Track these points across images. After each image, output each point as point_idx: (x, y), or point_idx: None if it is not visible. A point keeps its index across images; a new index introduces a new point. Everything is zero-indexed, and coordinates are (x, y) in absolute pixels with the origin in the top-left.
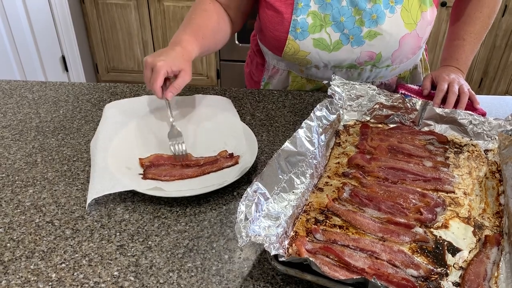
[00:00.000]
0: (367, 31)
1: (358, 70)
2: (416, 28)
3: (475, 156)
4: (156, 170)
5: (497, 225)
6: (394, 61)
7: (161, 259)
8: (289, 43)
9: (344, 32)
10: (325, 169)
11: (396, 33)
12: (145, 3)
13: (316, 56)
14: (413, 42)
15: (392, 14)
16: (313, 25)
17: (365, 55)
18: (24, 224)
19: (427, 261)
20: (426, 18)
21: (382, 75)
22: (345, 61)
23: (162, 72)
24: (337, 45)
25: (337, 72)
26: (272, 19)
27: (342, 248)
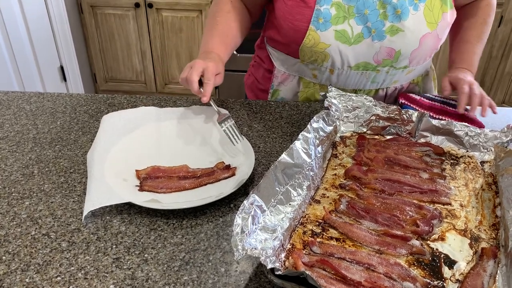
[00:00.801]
0: (389, 26)
1: (374, 72)
2: (437, 28)
3: (472, 168)
4: (153, 182)
5: (493, 237)
6: (412, 61)
7: (157, 272)
8: (309, 34)
9: (367, 25)
10: (322, 180)
11: (418, 31)
12: (143, 14)
13: (335, 49)
14: (432, 43)
15: (416, 12)
16: (336, 16)
17: (384, 51)
18: (20, 237)
19: (424, 274)
20: (446, 19)
21: (397, 78)
22: (363, 57)
23: (215, 71)
24: (358, 38)
25: (351, 75)
26: (293, 9)
27: (338, 261)
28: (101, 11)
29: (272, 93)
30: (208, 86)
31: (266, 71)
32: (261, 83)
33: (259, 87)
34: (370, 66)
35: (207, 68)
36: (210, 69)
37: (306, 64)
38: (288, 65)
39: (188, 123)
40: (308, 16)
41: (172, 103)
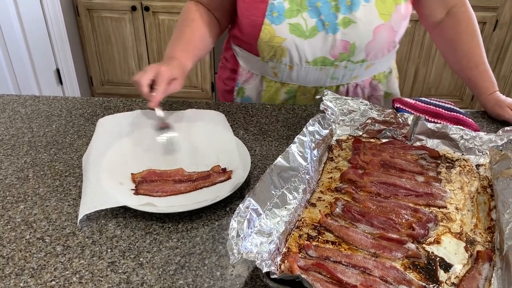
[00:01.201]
0: (342, 17)
1: (332, 68)
2: (391, 20)
3: (467, 171)
4: (148, 185)
5: (488, 240)
6: (369, 54)
7: (153, 276)
8: (265, 28)
9: (320, 18)
10: (318, 184)
11: (370, 22)
12: (140, 17)
13: (291, 43)
14: (387, 35)
15: (367, 3)
16: (290, 10)
17: (339, 44)
18: (14, 241)
19: (419, 277)
20: (400, 11)
21: (356, 74)
22: (320, 52)
23: (167, 76)
24: (313, 31)
25: (310, 71)
26: (250, 5)
27: (334, 264)
28: (97, 14)
29: (237, 91)
30: (157, 92)
31: (231, 72)
32: (226, 84)
33: (225, 88)
34: (327, 61)
35: (160, 73)
36: (163, 73)
37: (267, 62)
38: (251, 64)
39: (183, 126)
40: (263, 10)
41: (168, 106)
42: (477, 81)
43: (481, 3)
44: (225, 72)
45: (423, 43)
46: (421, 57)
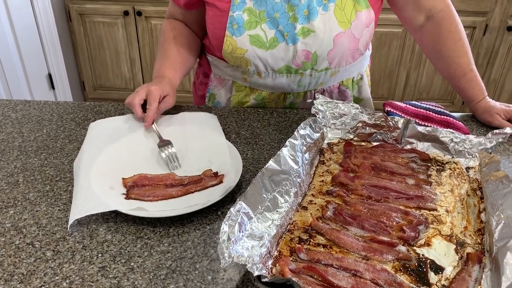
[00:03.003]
0: (300, 27)
1: (298, 76)
2: (351, 27)
3: (457, 174)
4: (140, 190)
5: (478, 242)
6: (332, 62)
7: (144, 280)
8: (227, 40)
9: (278, 28)
10: (309, 187)
11: (329, 30)
12: (132, 22)
13: (253, 54)
14: (348, 43)
15: (325, 12)
16: (249, 21)
17: (301, 54)
18: (3, 246)
19: (410, 279)
20: (361, 19)
21: (322, 81)
22: (283, 61)
23: (158, 94)
24: (273, 42)
25: (277, 78)
26: (213, 18)
27: (325, 267)
28: (89, 19)
29: (209, 97)
30: (150, 112)
31: (203, 76)
32: (199, 88)
33: (198, 93)
34: (292, 69)
35: (150, 92)
36: (153, 92)
37: (236, 68)
38: (222, 69)
39: (175, 130)
40: (224, 23)
41: None
42: (465, 89)
43: (471, 8)
44: (199, 77)
45: (414, 48)
46: (412, 61)
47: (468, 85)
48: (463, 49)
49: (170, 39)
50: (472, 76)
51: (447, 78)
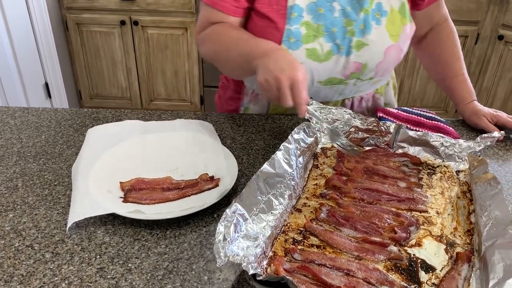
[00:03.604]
0: (356, 41)
1: (342, 86)
2: (399, 40)
3: (447, 177)
4: (137, 193)
5: (468, 242)
6: (377, 73)
7: (141, 281)
8: None
9: (335, 42)
10: (303, 190)
11: (382, 44)
12: (129, 31)
13: (306, 67)
14: (395, 54)
15: (378, 26)
16: (307, 35)
17: (352, 65)
18: (3, 249)
19: (401, 278)
20: (406, 31)
21: (362, 89)
22: (332, 73)
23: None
24: (328, 55)
25: (321, 89)
26: (264, 29)
27: (319, 267)
28: (86, 28)
29: (243, 111)
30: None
31: (233, 92)
32: (229, 103)
33: (228, 108)
34: (338, 80)
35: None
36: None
37: None
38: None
39: (172, 136)
40: (279, 36)
41: (157, 117)
42: (455, 90)
43: (463, 18)
44: (228, 92)
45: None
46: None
47: (459, 86)
48: (457, 55)
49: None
50: (463, 79)
51: (439, 81)
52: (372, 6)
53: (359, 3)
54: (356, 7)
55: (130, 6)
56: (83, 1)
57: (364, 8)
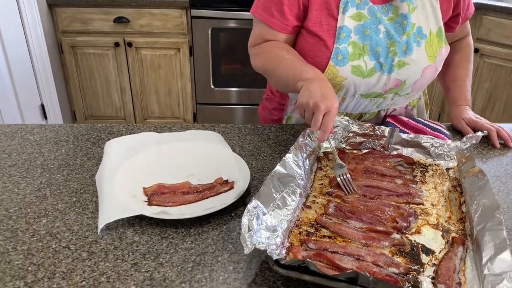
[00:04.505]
0: (397, 60)
1: (381, 99)
2: (436, 61)
3: (439, 174)
4: (160, 197)
5: (461, 229)
6: (414, 89)
7: (173, 273)
8: (329, 69)
9: (379, 60)
10: (311, 189)
11: (421, 63)
12: (123, 52)
13: (350, 82)
14: (431, 73)
15: (419, 48)
16: (353, 54)
17: (392, 82)
18: (42, 250)
19: (406, 261)
20: (442, 53)
21: (398, 102)
22: (374, 87)
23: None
24: (371, 72)
25: (362, 102)
26: (314, 46)
27: (332, 254)
28: (81, 51)
29: (286, 119)
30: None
31: (278, 104)
32: (273, 113)
33: (272, 118)
34: (378, 94)
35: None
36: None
37: None
38: None
39: (186, 145)
40: (328, 53)
41: (168, 129)
42: (451, 91)
43: None
44: (272, 103)
45: None
46: None
47: (455, 89)
48: (466, 64)
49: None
50: (462, 84)
51: (442, 82)
52: (413, 29)
53: (402, 26)
54: (399, 30)
55: (124, 28)
56: (78, 25)
57: (406, 31)
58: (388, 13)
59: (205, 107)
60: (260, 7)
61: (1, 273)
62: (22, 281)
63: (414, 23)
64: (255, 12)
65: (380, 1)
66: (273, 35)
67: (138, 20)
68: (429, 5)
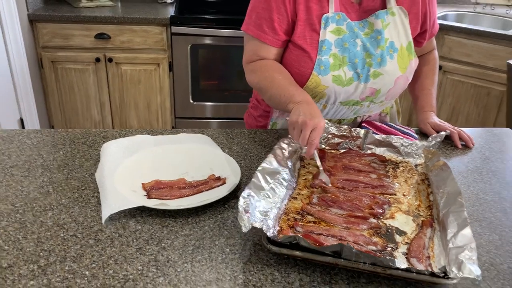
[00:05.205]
0: (373, 71)
1: (358, 106)
2: (406, 71)
3: (408, 170)
4: (158, 192)
5: (429, 214)
6: (387, 97)
7: (175, 255)
8: (312, 78)
9: (356, 71)
10: (296, 184)
11: (393, 74)
12: (103, 67)
13: (331, 90)
14: (403, 83)
15: (392, 60)
16: (334, 64)
17: (368, 90)
18: (51, 238)
19: (382, 241)
20: (412, 65)
21: (373, 110)
22: (352, 95)
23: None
24: (349, 81)
25: (341, 109)
26: (299, 58)
27: (317, 235)
28: (61, 66)
29: (272, 125)
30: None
31: (263, 111)
32: (259, 120)
33: (258, 124)
34: (355, 101)
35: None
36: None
37: None
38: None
39: (179, 146)
40: (311, 64)
41: (159, 133)
42: (419, 99)
43: None
44: (258, 111)
45: None
46: None
47: (422, 97)
48: (432, 76)
49: (280, 69)
50: (429, 92)
51: (411, 91)
52: (386, 44)
53: (376, 41)
54: (374, 44)
55: (105, 44)
56: (59, 40)
57: (380, 45)
58: (364, 29)
59: (183, 121)
60: (252, 25)
61: (15, 258)
62: (36, 265)
63: (387, 38)
64: (247, 30)
65: (357, 18)
66: (266, 50)
67: (119, 37)
68: (400, 23)
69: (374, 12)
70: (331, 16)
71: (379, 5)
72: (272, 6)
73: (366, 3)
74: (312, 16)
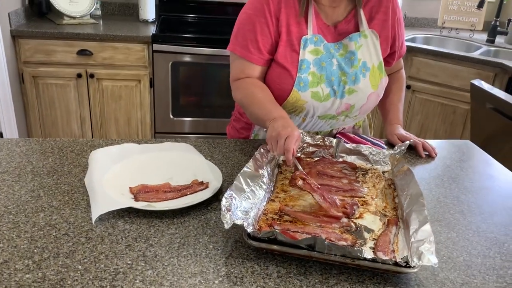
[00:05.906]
0: (347, 88)
1: (334, 120)
2: (378, 89)
3: (376, 176)
4: (145, 195)
5: (394, 214)
6: (361, 112)
7: (162, 251)
8: (293, 93)
9: (333, 88)
10: (274, 188)
11: (366, 91)
12: (84, 83)
13: (310, 105)
14: (374, 99)
15: (364, 78)
16: (312, 82)
17: (343, 106)
18: (44, 237)
19: (352, 237)
20: (383, 83)
21: (347, 123)
22: (329, 110)
23: (299, 141)
24: (327, 97)
25: (318, 122)
26: (281, 75)
27: (294, 232)
28: (43, 81)
29: (254, 136)
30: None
31: (245, 124)
32: (241, 132)
33: (240, 136)
34: (332, 116)
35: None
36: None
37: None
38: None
39: (164, 154)
40: (292, 81)
41: (144, 143)
42: (387, 113)
43: None
44: (240, 123)
45: None
46: None
47: (390, 111)
48: (399, 93)
49: (261, 87)
50: (396, 107)
51: (380, 106)
52: (359, 63)
53: (350, 61)
54: (348, 63)
55: (87, 60)
56: (41, 56)
57: (354, 65)
58: (339, 50)
59: (163, 135)
60: (238, 45)
61: (10, 254)
62: (30, 260)
63: (360, 58)
64: (234, 50)
65: (333, 40)
66: (252, 68)
67: (101, 53)
68: (372, 44)
69: (348, 35)
70: (310, 37)
71: (353, 29)
72: (256, 28)
73: (340, 27)
74: (292, 38)
